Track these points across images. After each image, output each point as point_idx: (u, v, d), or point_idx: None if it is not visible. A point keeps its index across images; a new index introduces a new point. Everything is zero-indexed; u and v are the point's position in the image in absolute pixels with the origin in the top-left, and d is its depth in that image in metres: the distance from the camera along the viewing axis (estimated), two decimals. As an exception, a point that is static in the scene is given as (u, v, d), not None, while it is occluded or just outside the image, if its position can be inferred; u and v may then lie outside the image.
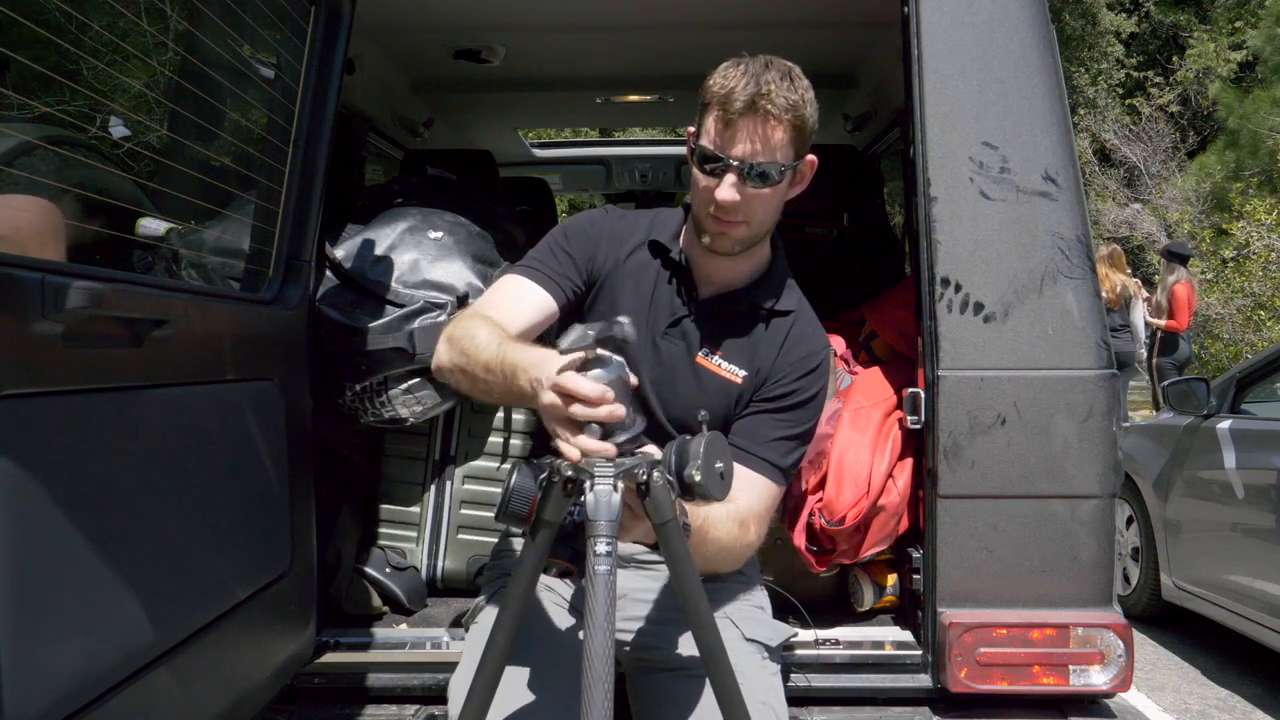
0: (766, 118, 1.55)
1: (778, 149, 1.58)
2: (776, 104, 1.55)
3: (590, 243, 1.76)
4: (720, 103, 1.56)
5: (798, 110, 1.58)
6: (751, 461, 1.68)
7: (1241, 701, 3.94)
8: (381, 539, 2.47)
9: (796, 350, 1.75)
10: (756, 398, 1.73)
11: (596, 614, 1.24)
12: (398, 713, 2.01)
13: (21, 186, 1.48)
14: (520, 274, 1.74)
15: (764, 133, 1.56)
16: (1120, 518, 4.86)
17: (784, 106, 1.56)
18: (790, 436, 1.72)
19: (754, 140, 1.56)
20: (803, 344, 1.76)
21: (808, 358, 1.75)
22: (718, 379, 1.73)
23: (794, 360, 1.74)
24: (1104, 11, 18.95)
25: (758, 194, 1.60)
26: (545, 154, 5.05)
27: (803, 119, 1.59)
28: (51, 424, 1.23)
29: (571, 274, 1.74)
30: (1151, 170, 15.83)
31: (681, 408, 1.72)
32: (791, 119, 1.57)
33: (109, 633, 1.32)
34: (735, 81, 1.55)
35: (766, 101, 1.54)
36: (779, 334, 1.75)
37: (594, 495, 1.27)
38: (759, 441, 1.70)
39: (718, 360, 1.74)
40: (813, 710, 1.98)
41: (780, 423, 1.72)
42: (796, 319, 1.77)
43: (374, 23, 2.66)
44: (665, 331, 1.75)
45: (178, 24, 1.77)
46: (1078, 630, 1.90)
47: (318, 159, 2.02)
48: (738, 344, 1.74)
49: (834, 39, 3.02)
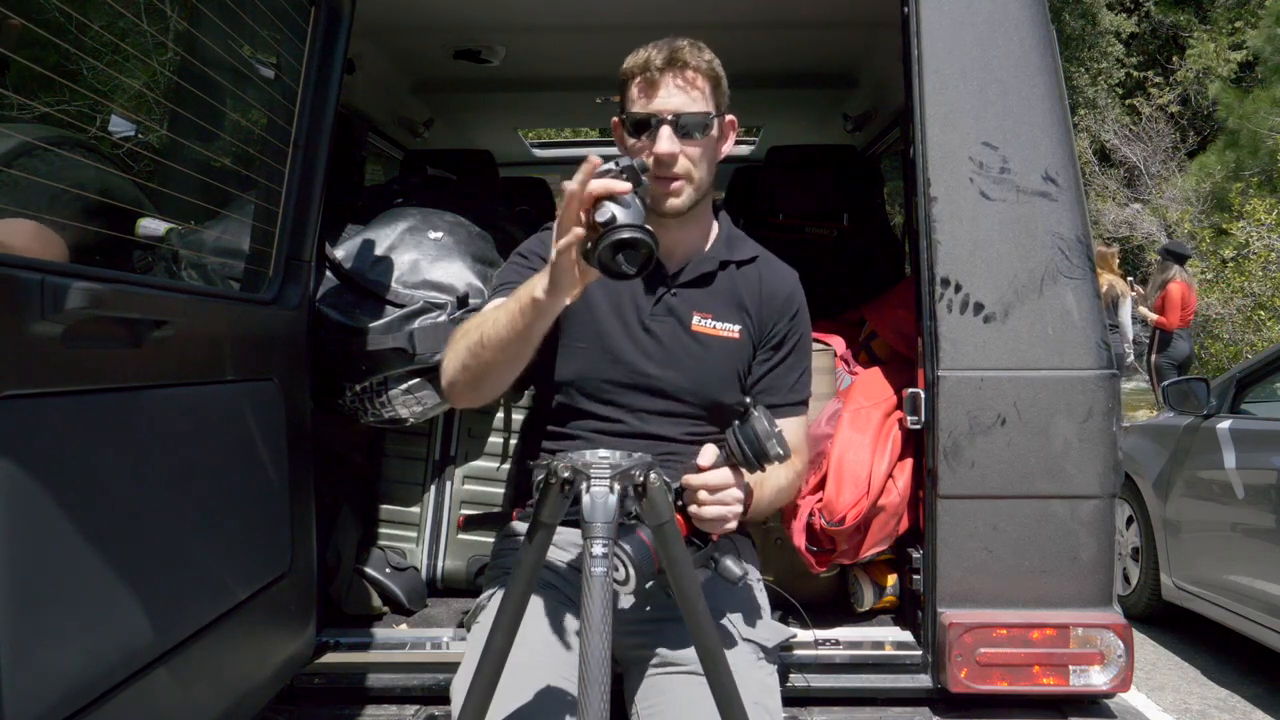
0: (685, 68, 1.70)
1: (702, 98, 1.71)
2: (692, 57, 1.70)
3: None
4: (640, 69, 1.70)
5: (712, 63, 1.74)
6: (785, 410, 1.83)
7: (1241, 701, 3.94)
8: (381, 539, 2.47)
9: (776, 295, 1.86)
10: (761, 355, 1.85)
11: (593, 615, 1.24)
12: (398, 713, 2.01)
13: (22, 187, 1.48)
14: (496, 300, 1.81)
15: (686, 84, 1.70)
16: (1120, 518, 4.86)
17: (700, 58, 1.72)
18: (803, 370, 1.89)
19: (679, 92, 1.70)
20: (778, 287, 1.88)
21: (788, 300, 1.88)
22: (718, 340, 1.82)
23: (778, 307, 1.86)
24: (1104, 11, 18.94)
25: (692, 145, 1.71)
26: (545, 154, 5.06)
27: (717, 73, 1.74)
28: (51, 424, 1.23)
29: None
30: (1151, 170, 15.83)
31: (695, 381, 1.79)
32: (708, 70, 1.72)
33: (109, 633, 1.32)
34: (649, 51, 1.71)
35: (684, 55, 1.70)
36: (752, 281, 1.86)
37: (590, 496, 1.27)
38: (784, 390, 1.85)
39: (711, 323, 1.82)
40: (812, 710, 1.98)
41: (792, 367, 1.87)
42: (760, 262, 1.89)
43: (374, 23, 2.66)
44: (652, 313, 1.80)
45: (178, 24, 1.77)
46: (1078, 630, 1.90)
47: (318, 159, 2.02)
48: (722, 303, 1.84)
49: (834, 39, 3.02)
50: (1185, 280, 8.84)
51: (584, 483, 1.28)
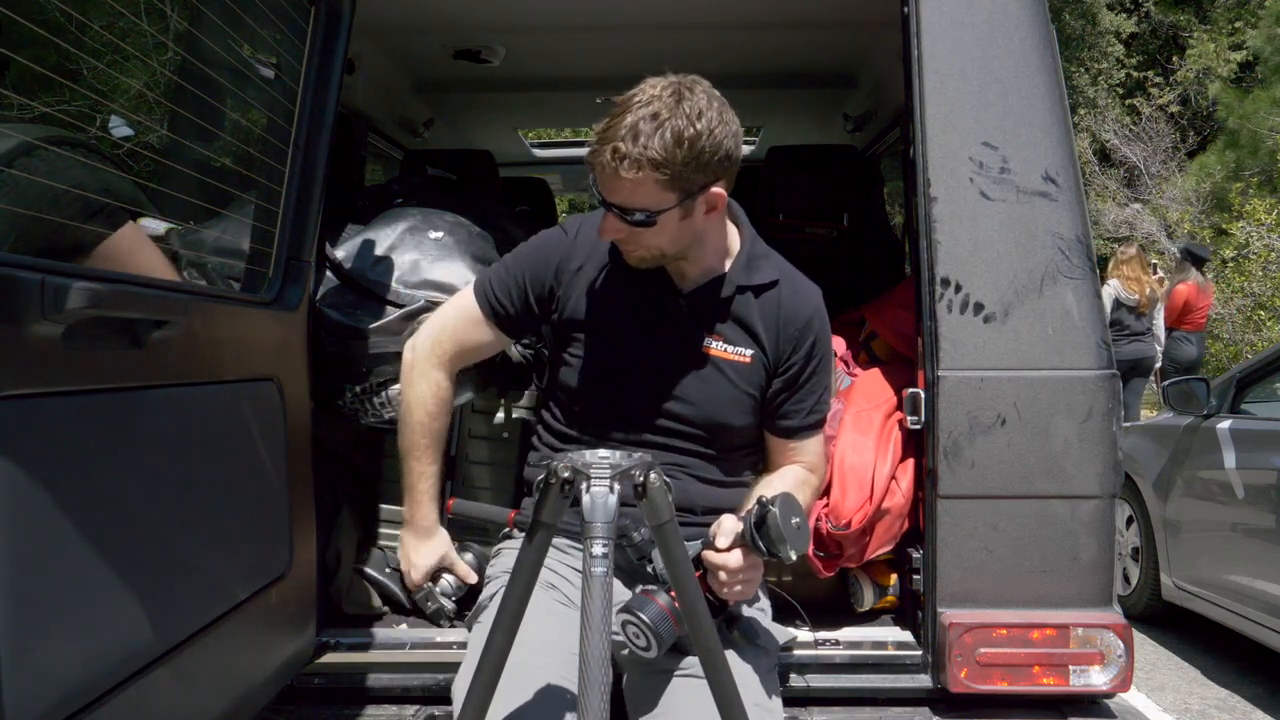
0: (628, 162, 1.54)
1: (646, 197, 1.58)
2: (628, 161, 1.54)
3: (542, 267, 1.84)
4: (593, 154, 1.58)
5: (659, 163, 1.54)
6: (805, 432, 1.85)
7: (1241, 701, 3.94)
8: (381, 539, 2.46)
9: (794, 321, 1.80)
10: (781, 382, 1.81)
11: (593, 616, 1.25)
12: (398, 713, 2.00)
13: (22, 186, 1.48)
14: (478, 300, 1.86)
15: (626, 184, 1.57)
16: (1120, 518, 4.86)
17: (639, 163, 1.53)
18: (823, 390, 1.87)
19: (620, 190, 1.59)
20: (798, 310, 1.81)
21: (808, 324, 1.81)
22: (727, 363, 1.78)
23: (795, 333, 1.80)
24: (1104, 11, 18.92)
25: (647, 230, 1.63)
26: (545, 154, 5.06)
27: (670, 165, 1.55)
28: (51, 424, 1.23)
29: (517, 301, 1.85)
30: (1151, 170, 15.81)
31: (701, 403, 1.78)
32: (652, 171, 1.55)
33: (109, 633, 1.32)
34: (601, 130, 1.56)
35: (617, 160, 1.54)
36: (771, 307, 1.80)
37: (590, 497, 1.27)
38: (803, 414, 1.84)
39: (722, 345, 1.79)
40: (813, 710, 1.98)
41: (812, 390, 1.84)
42: (783, 286, 1.82)
43: (374, 23, 2.66)
44: (662, 333, 1.78)
45: (178, 24, 1.77)
46: (1078, 630, 1.90)
47: (318, 159, 2.02)
48: (735, 327, 1.80)
49: (834, 39, 3.02)
50: (1197, 283, 8.62)
51: (584, 483, 1.28)
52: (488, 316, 1.87)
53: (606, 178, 1.59)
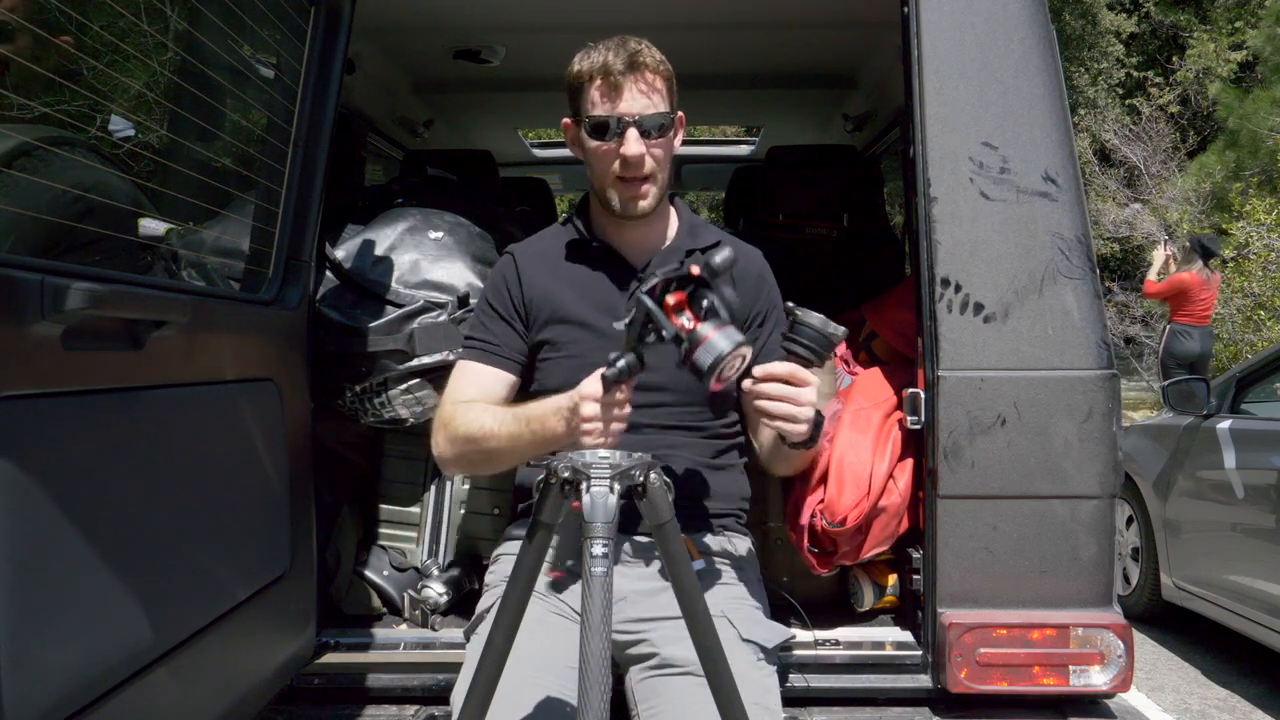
0: (645, 71, 1.74)
1: (662, 100, 1.77)
2: (651, 59, 1.75)
3: (506, 295, 1.90)
4: (601, 73, 1.73)
5: (666, 64, 1.78)
6: None
7: (1241, 702, 3.94)
8: (381, 539, 2.47)
9: (747, 275, 1.90)
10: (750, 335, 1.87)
11: (593, 616, 1.25)
12: (398, 713, 2.01)
13: (22, 186, 1.48)
14: (470, 359, 1.89)
15: (648, 87, 1.75)
16: (1120, 518, 4.86)
17: (658, 60, 1.76)
18: None
19: (642, 95, 1.74)
20: (747, 267, 1.91)
21: (759, 278, 1.94)
22: None
23: (750, 285, 1.91)
24: (1104, 11, 18.91)
25: (656, 145, 1.77)
26: (545, 154, 5.05)
27: (671, 72, 1.79)
28: (51, 425, 1.23)
29: (508, 338, 1.89)
30: (1151, 170, 15.80)
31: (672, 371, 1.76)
32: (664, 71, 1.77)
33: (109, 633, 1.32)
34: (606, 53, 1.73)
35: (643, 58, 1.74)
36: None
37: (590, 496, 1.27)
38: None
39: None
40: (812, 710, 1.98)
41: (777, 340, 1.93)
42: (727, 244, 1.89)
43: (374, 23, 2.66)
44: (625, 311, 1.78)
45: (178, 24, 1.77)
46: (1078, 631, 1.90)
47: (318, 159, 2.02)
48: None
49: (834, 39, 3.02)
50: (1201, 276, 8.49)
51: (584, 483, 1.28)
52: (485, 362, 1.88)
53: (626, 88, 1.73)
